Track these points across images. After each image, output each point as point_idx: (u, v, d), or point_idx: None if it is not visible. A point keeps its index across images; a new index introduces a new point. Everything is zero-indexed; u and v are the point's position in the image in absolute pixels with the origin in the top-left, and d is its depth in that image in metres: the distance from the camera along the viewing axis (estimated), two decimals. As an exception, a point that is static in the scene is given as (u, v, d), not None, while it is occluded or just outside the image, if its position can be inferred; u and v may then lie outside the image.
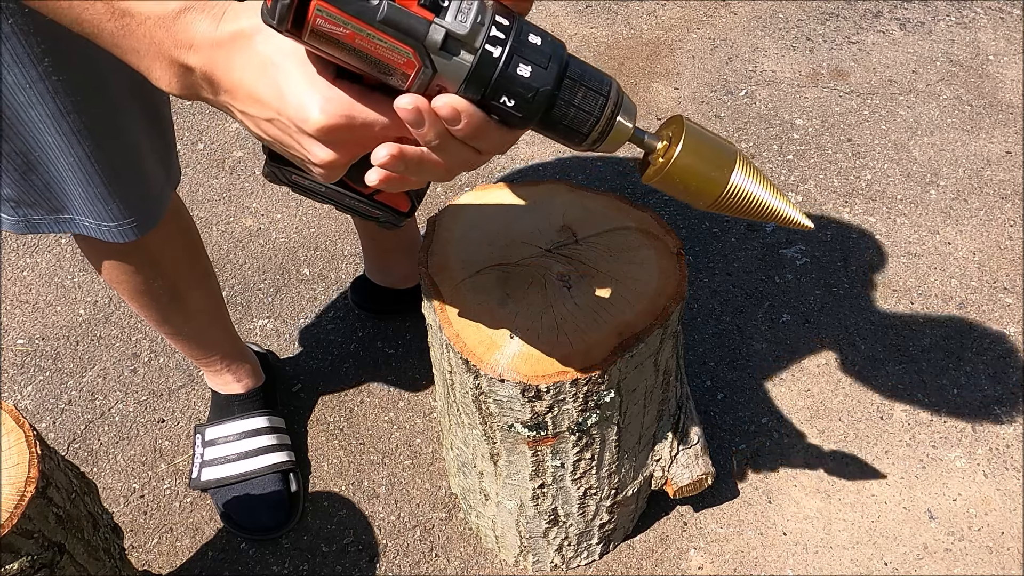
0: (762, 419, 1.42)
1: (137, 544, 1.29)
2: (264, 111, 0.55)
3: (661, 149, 0.61)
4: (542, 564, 1.23)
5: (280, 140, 0.57)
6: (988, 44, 2.11)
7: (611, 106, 0.56)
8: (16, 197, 0.91)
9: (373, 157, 0.55)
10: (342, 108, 0.53)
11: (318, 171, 0.58)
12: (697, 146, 0.60)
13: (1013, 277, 1.61)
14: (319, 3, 0.49)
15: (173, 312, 1.18)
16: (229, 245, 1.71)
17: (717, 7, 2.26)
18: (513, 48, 0.52)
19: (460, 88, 0.53)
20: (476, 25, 0.51)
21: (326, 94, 0.53)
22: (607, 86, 0.56)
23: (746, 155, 0.61)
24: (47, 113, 0.83)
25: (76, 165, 0.88)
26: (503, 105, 0.54)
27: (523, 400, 0.92)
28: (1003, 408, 1.42)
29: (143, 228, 0.97)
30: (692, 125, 0.61)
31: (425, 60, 0.51)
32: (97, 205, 0.92)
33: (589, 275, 0.99)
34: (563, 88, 0.55)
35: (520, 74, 0.53)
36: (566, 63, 0.55)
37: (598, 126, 0.57)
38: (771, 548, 1.27)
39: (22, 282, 1.67)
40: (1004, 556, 1.25)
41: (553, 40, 0.54)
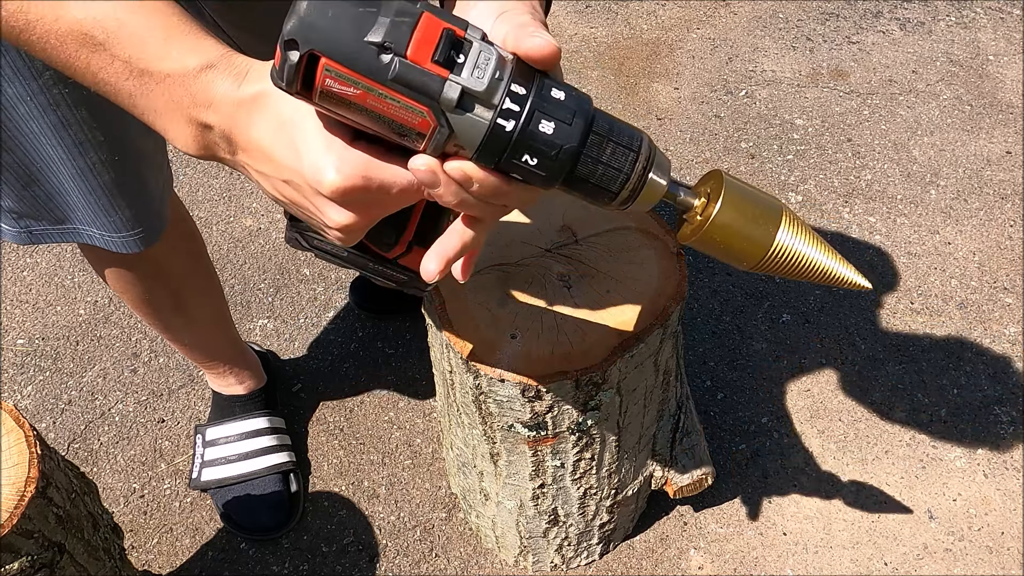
0: (762, 419, 1.42)
1: (137, 544, 1.29)
2: (280, 172, 0.54)
3: (699, 207, 0.57)
4: (542, 564, 1.23)
5: (296, 202, 0.55)
6: (988, 44, 2.11)
7: (642, 162, 0.53)
8: (18, 209, 0.90)
9: (425, 274, 0.55)
10: (358, 169, 0.51)
11: (335, 235, 0.55)
12: (738, 203, 0.56)
13: (1013, 277, 1.61)
14: (328, 63, 0.47)
15: (176, 319, 1.18)
16: (229, 245, 1.71)
17: (717, 7, 2.26)
18: (535, 104, 0.49)
19: (479, 146, 0.50)
20: (494, 81, 0.48)
21: (342, 155, 0.51)
22: (638, 141, 0.53)
23: (793, 211, 0.59)
24: (48, 125, 0.82)
25: (79, 177, 0.87)
26: (525, 164, 0.51)
27: (523, 400, 0.92)
28: (1003, 408, 1.42)
29: (149, 239, 0.97)
30: (732, 180, 0.57)
31: (440, 119, 0.49)
32: (101, 216, 0.92)
33: (589, 275, 0.99)
34: (589, 144, 0.51)
35: (542, 131, 0.50)
36: (592, 118, 0.51)
37: (628, 184, 0.53)
38: (771, 548, 1.27)
39: (22, 282, 1.67)
40: (1004, 556, 1.25)
41: (579, 95, 0.51)
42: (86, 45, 0.51)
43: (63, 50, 0.52)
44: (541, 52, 0.50)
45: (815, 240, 0.58)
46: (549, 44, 0.50)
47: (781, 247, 0.57)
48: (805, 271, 0.59)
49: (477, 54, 0.49)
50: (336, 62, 0.47)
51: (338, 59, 0.47)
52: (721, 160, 1.85)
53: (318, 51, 0.47)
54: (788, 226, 0.57)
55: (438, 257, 0.56)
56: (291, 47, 0.47)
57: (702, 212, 0.57)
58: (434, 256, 0.56)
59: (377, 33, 0.47)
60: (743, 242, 0.56)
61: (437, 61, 0.47)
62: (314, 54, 0.47)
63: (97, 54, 0.52)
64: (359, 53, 0.47)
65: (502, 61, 0.49)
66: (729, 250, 0.57)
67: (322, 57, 0.47)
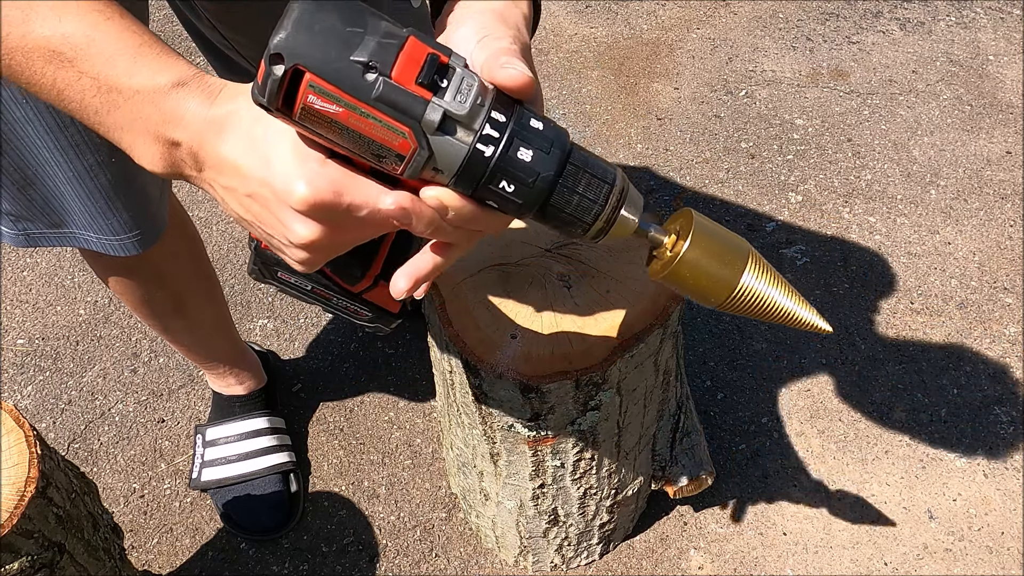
0: (762, 419, 1.42)
1: (137, 544, 1.29)
2: (248, 184, 0.52)
3: (668, 243, 0.58)
4: (542, 564, 1.23)
5: (260, 218, 0.54)
6: (988, 44, 2.11)
7: (616, 195, 0.54)
8: (15, 212, 0.90)
9: (393, 290, 0.56)
10: (331, 184, 0.50)
11: (298, 255, 0.55)
12: (706, 242, 0.57)
13: (1013, 277, 1.61)
14: (312, 78, 0.47)
15: (177, 322, 1.18)
16: (229, 245, 1.71)
17: (717, 7, 2.26)
18: (514, 131, 0.50)
19: (457, 169, 0.50)
20: (475, 106, 0.49)
21: (315, 169, 0.50)
22: (611, 175, 0.54)
23: (759, 254, 0.61)
24: (45, 128, 0.82)
25: (76, 179, 0.87)
26: (502, 190, 0.51)
27: (523, 400, 0.92)
28: (1003, 408, 1.42)
29: (147, 241, 0.96)
30: (702, 220, 0.58)
31: (421, 141, 0.49)
32: (98, 220, 0.91)
33: (589, 275, 0.99)
34: (565, 175, 0.52)
35: (520, 158, 0.50)
36: (569, 150, 0.52)
37: (602, 216, 0.54)
38: (771, 548, 1.27)
39: (22, 282, 1.67)
40: (1004, 556, 1.25)
41: (556, 126, 0.52)
42: (53, 61, 0.51)
43: (28, 66, 0.52)
44: (514, 83, 0.50)
45: (779, 283, 0.60)
46: (522, 75, 0.50)
47: (746, 288, 0.58)
48: (768, 312, 0.60)
49: (460, 80, 0.49)
50: (321, 78, 0.47)
51: (323, 75, 0.47)
52: (721, 160, 1.85)
53: (303, 66, 0.47)
54: (754, 268, 0.59)
55: (408, 277, 0.56)
56: (276, 61, 0.47)
57: (671, 249, 0.58)
58: (404, 275, 0.56)
59: (363, 52, 0.47)
60: (709, 281, 0.58)
61: (421, 83, 0.48)
62: (299, 69, 0.47)
63: (64, 70, 0.51)
64: (344, 70, 0.47)
65: (483, 88, 0.50)
66: (696, 288, 0.59)
67: (307, 72, 0.47)
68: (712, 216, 1.81)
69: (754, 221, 1.73)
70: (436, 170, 0.50)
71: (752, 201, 1.77)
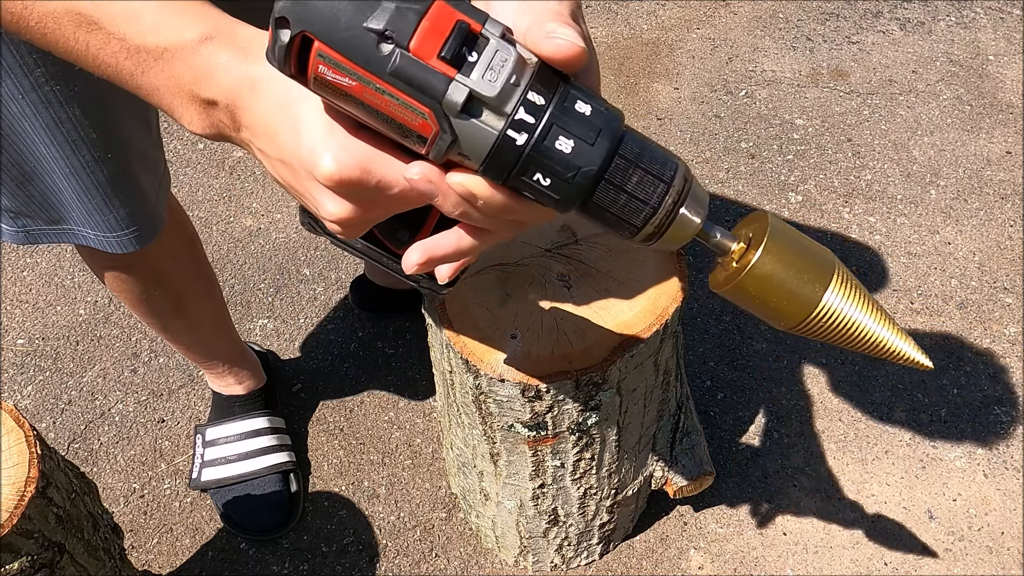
0: (762, 419, 1.42)
1: (137, 544, 1.29)
2: (279, 152, 0.49)
3: (737, 252, 0.50)
4: (542, 564, 1.23)
5: (293, 186, 0.51)
6: (988, 44, 2.11)
7: (673, 195, 0.46)
8: (15, 208, 0.90)
9: (404, 263, 0.51)
10: (358, 161, 0.46)
11: (332, 226, 0.51)
12: (783, 253, 0.49)
13: (1013, 277, 1.61)
14: (321, 47, 0.42)
15: (175, 321, 1.18)
16: (229, 245, 1.71)
17: (717, 7, 2.26)
18: (553, 117, 0.43)
19: (485, 157, 0.44)
20: (508, 86, 0.42)
21: (343, 143, 0.46)
22: (671, 170, 0.46)
23: (847, 270, 0.51)
24: (42, 124, 0.82)
25: (72, 175, 0.87)
26: (536, 183, 0.44)
27: (523, 400, 0.92)
28: (1003, 408, 1.42)
29: (144, 238, 0.96)
30: (780, 225, 0.50)
31: (443, 123, 0.43)
32: (95, 216, 0.91)
33: (589, 275, 0.99)
34: (612, 169, 0.45)
35: (559, 149, 0.43)
36: (620, 138, 0.45)
37: (655, 219, 0.46)
38: (771, 548, 1.27)
39: (22, 282, 1.67)
40: (1004, 556, 1.25)
41: (608, 110, 0.45)
42: (82, 25, 0.49)
43: (61, 33, 0.50)
44: (561, 54, 0.43)
45: (871, 306, 0.51)
46: (571, 46, 0.43)
47: (828, 309, 0.49)
48: (854, 340, 0.51)
49: (493, 53, 0.42)
50: (330, 47, 0.42)
51: (332, 44, 0.42)
52: (721, 160, 1.85)
53: (310, 33, 0.42)
54: (839, 286, 0.49)
55: (423, 251, 0.50)
56: (282, 25, 0.42)
57: (739, 259, 0.50)
58: (420, 248, 0.50)
59: (379, 19, 0.41)
60: (784, 299, 0.49)
61: (444, 57, 0.42)
62: (307, 36, 0.42)
63: (94, 34, 0.49)
64: (356, 40, 0.41)
65: (522, 64, 0.43)
66: (767, 305, 0.50)
67: (316, 40, 0.42)
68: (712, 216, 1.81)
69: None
70: (462, 155, 0.44)
71: (752, 201, 1.76)
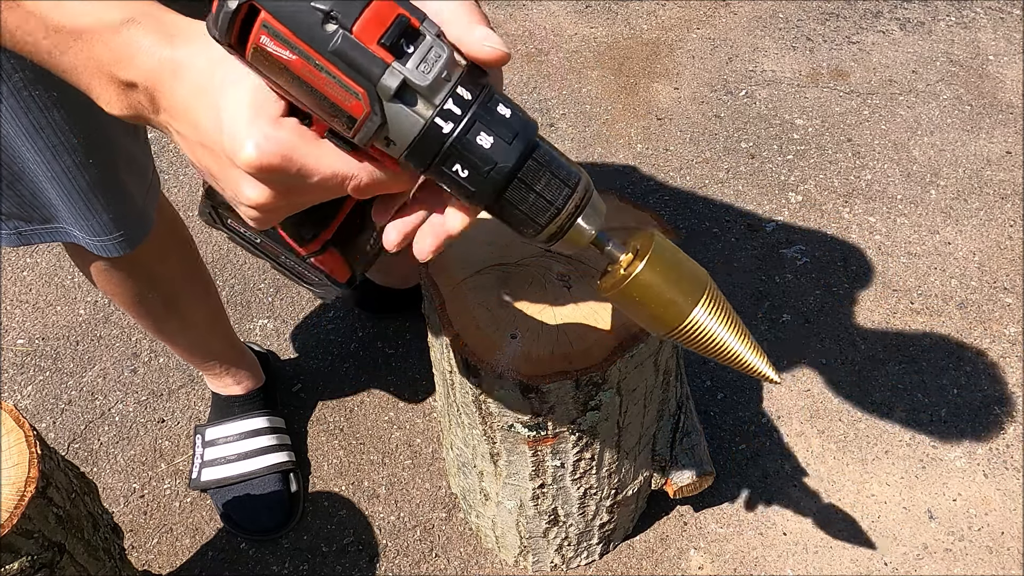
0: (762, 419, 1.42)
1: (137, 544, 1.29)
2: (199, 135, 0.50)
3: (624, 261, 0.56)
4: (542, 564, 1.23)
5: (211, 170, 0.52)
6: (988, 44, 2.11)
7: (576, 200, 0.51)
8: (6, 209, 0.90)
9: (385, 240, 0.53)
10: (280, 148, 0.47)
11: (248, 212, 0.52)
12: (663, 267, 0.55)
13: (1013, 277, 1.61)
14: (267, 18, 0.43)
15: (169, 322, 1.17)
16: (229, 246, 1.71)
17: (717, 7, 2.26)
18: (477, 113, 0.47)
19: (410, 143, 0.47)
20: (439, 79, 0.45)
21: (265, 130, 0.47)
22: (575, 178, 0.51)
23: (717, 289, 0.58)
24: (21, 129, 0.81)
25: (55, 180, 0.86)
26: (455, 174, 0.48)
27: (523, 400, 0.92)
28: (1003, 408, 1.42)
29: (131, 243, 0.95)
30: (663, 243, 0.56)
31: (375, 106, 0.45)
32: (80, 220, 0.90)
33: (589, 275, 0.99)
34: (525, 169, 0.49)
35: (479, 143, 0.47)
36: (534, 144, 0.49)
37: (557, 219, 0.51)
38: (771, 548, 1.27)
39: (22, 282, 1.67)
40: (1004, 556, 1.25)
41: (525, 118, 0.49)
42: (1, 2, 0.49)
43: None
44: (493, 56, 0.47)
45: (733, 323, 0.57)
46: (499, 51, 0.48)
47: (696, 323, 0.56)
48: (715, 351, 0.58)
49: (428, 48, 0.45)
50: (276, 19, 0.43)
51: (279, 16, 0.43)
52: (721, 160, 1.85)
53: (258, 3, 0.43)
54: (708, 303, 0.56)
55: (398, 230, 0.53)
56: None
57: (626, 267, 0.56)
58: (395, 227, 0.53)
59: (327, 1, 0.43)
60: (660, 307, 0.55)
61: (383, 44, 0.44)
62: (254, 6, 0.43)
63: (12, 11, 0.49)
64: (302, 15, 0.43)
65: (453, 63, 0.46)
66: (644, 311, 0.56)
67: (262, 11, 0.43)
68: (712, 216, 1.81)
69: (754, 221, 1.73)
70: (388, 140, 0.47)
71: (752, 201, 1.77)
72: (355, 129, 0.47)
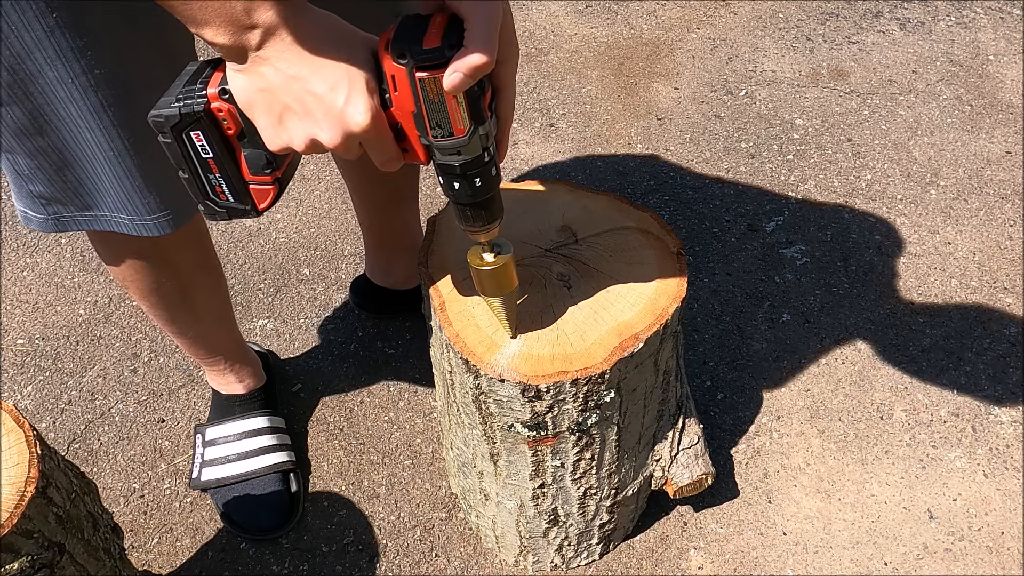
0: (762, 419, 1.42)
1: (137, 544, 1.29)
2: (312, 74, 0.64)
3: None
4: (542, 564, 1.23)
5: (300, 101, 0.65)
6: (988, 44, 2.11)
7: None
8: (48, 194, 0.91)
9: (449, 81, 0.65)
10: (379, 125, 0.67)
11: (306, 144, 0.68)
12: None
13: (1013, 277, 1.61)
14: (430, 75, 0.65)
15: (182, 312, 1.18)
16: (229, 245, 1.71)
17: (717, 7, 2.26)
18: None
19: (462, 160, 0.74)
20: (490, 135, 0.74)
21: (375, 108, 0.66)
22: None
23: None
24: (89, 108, 0.83)
25: (115, 158, 0.88)
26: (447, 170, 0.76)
27: (523, 400, 0.92)
28: (1003, 408, 1.42)
29: (178, 221, 0.97)
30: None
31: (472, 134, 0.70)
32: (134, 199, 0.92)
33: (589, 275, 0.99)
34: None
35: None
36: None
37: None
38: (771, 548, 1.27)
39: (22, 282, 1.67)
40: (1004, 556, 1.25)
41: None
42: None
43: None
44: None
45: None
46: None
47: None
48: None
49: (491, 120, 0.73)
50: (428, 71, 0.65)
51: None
52: (721, 160, 1.85)
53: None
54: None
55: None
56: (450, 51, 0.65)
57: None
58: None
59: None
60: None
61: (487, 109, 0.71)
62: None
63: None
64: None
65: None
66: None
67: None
68: (712, 216, 1.81)
69: (754, 221, 1.73)
70: (448, 152, 0.71)
71: (752, 201, 1.77)
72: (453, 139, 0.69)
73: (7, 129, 0.84)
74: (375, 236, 1.46)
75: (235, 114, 0.70)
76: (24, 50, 0.78)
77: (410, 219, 1.42)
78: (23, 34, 0.77)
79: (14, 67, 0.79)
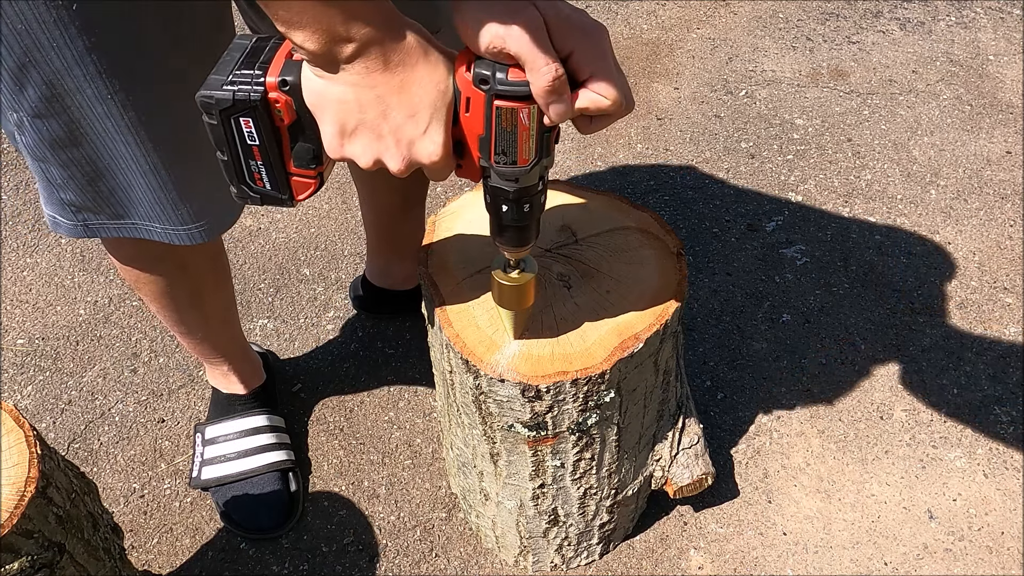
0: (762, 419, 1.42)
1: (137, 544, 1.29)
2: (404, 100, 0.64)
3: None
4: (542, 564, 1.23)
5: (374, 122, 0.65)
6: (988, 44, 2.11)
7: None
8: (79, 202, 0.91)
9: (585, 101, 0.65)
10: (445, 157, 0.68)
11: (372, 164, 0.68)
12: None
13: (1013, 277, 1.61)
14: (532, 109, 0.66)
15: (191, 314, 1.18)
16: (229, 245, 1.71)
17: (717, 7, 2.26)
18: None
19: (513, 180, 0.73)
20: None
21: (446, 143, 0.67)
22: None
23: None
24: (127, 124, 0.83)
25: (150, 172, 0.88)
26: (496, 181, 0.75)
27: (523, 400, 0.92)
28: (1003, 408, 1.42)
29: (214, 231, 0.97)
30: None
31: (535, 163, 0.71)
32: (168, 210, 0.92)
33: (589, 275, 0.99)
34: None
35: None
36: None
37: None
38: (771, 548, 1.27)
39: (22, 282, 1.67)
40: (1004, 556, 1.25)
41: None
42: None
43: None
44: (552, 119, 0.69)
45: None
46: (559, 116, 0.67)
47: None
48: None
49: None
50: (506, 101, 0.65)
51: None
52: (721, 160, 1.85)
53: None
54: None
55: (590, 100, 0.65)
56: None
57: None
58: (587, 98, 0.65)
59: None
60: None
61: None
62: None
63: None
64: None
65: None
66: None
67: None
68: (712, 216, 1.81)
69: (754, 221, 1.73)
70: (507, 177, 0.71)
71: (752, 201, 1.77)
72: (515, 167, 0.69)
73: (43, 140, 0.84)
74: (379, 238, 1.46)
75: (292, 106, 0.67)
76: (64, 66, 0.77)
77: (416, 224, 1.42)
78: (64, 51, 0.76)
79: (53, 82, 0.78)
